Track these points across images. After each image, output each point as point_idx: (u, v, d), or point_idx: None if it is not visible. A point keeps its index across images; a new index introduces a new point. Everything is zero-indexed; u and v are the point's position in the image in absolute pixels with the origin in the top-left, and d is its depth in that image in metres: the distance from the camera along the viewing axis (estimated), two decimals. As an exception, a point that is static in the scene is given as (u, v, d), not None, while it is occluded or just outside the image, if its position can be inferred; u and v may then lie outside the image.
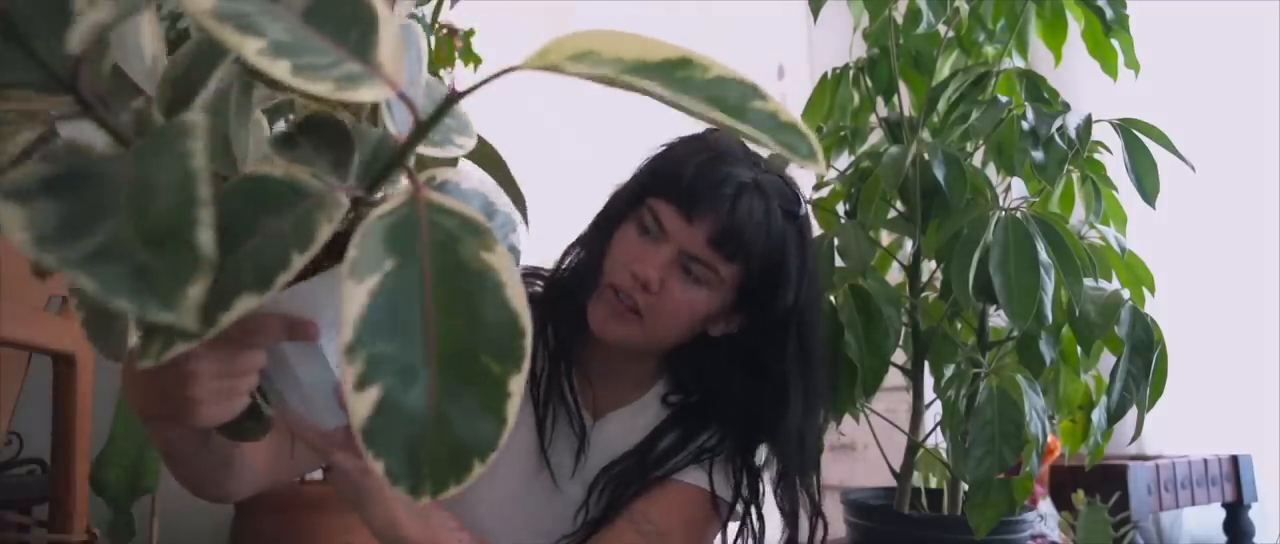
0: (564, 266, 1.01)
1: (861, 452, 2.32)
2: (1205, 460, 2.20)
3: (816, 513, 1.00)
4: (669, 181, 0.93)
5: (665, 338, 0.94)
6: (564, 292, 0.99)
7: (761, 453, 1.00)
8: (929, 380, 1.19)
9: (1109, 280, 1.15)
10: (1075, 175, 1.25)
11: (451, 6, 2.03)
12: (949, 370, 1.18)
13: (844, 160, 1.31)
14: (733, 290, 0.93)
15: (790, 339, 0.95)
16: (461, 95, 0.40)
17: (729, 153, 0.95)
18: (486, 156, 0.91)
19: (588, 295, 0.95)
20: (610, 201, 1.00)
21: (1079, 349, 1.09)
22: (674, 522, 0.97)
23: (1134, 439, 1.13)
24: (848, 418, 1.16)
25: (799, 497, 0.99)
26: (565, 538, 0.97)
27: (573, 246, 1.02)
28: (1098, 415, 1.16)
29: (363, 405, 0.33)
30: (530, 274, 1.05)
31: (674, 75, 0.38)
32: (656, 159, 0.98)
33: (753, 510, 0.99)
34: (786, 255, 0.94)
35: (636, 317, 0.92)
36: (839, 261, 1.13)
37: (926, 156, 1.09)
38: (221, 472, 0.78)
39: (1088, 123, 1.09)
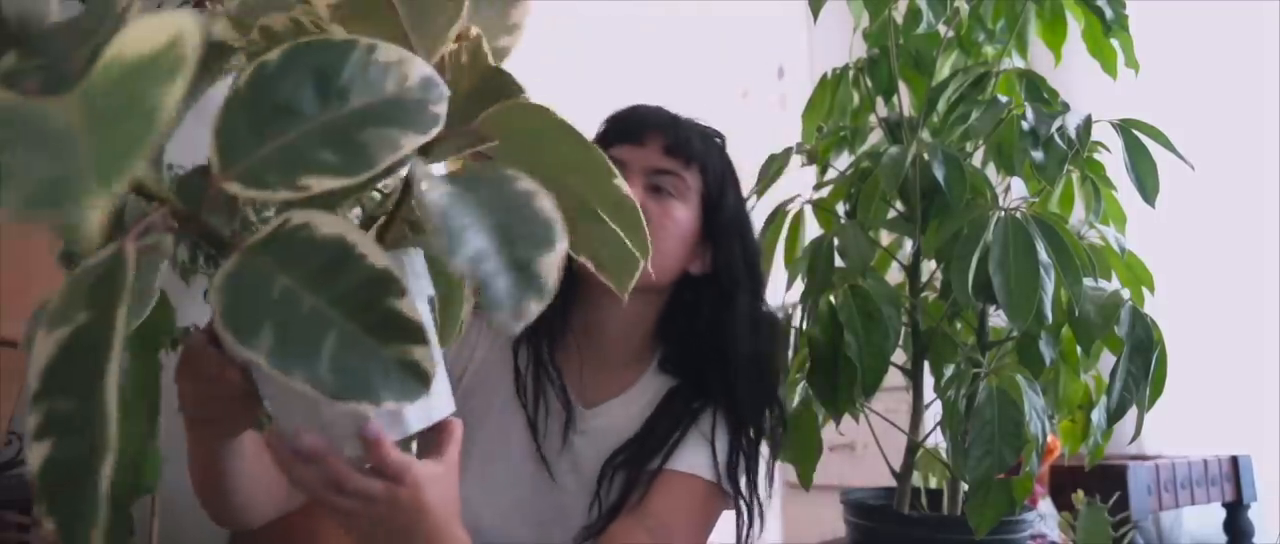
0: None
1: (861, 452, 2.32)
2: (1205, 460, 2.21)
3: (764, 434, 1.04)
4: (610, 130, 1.03)
5: (662, 265, 0.98)
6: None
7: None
8: (929, 380, 1.19)
9: (1109, 280, 1.15)
10: (1075, 175, 1.25)
11: (451, 6, 2.04)
12: (949, 370, 1.18)
13: (844, 160, 1.31)
14: (699, 200, 1.02)
15: (736, 245, 1.03)
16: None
17: (643, 104, 1.07)
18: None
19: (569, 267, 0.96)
20: None
21: (1079, 349, 1.09)
22: (677, 513, 0.98)
23: (1134, 439, 1.13)
24: (848, 418, 1.16)
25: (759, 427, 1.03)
26: (583, 529, 0.99)
27: None
28: (1098, 415, 1.16)
29: (34, 457, 0.32)
30: None
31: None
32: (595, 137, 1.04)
33: (755, 492, 1.01)
34: (724, 162, 1.06)
35: None
36: (839, 262, 1.13)
37: (926, 156, 1.09)
38: (250, 486, 0.81)
39: (1087, 123, 1.09)
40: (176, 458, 2.24)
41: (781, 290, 1.21)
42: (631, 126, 1.03)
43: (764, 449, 1.05)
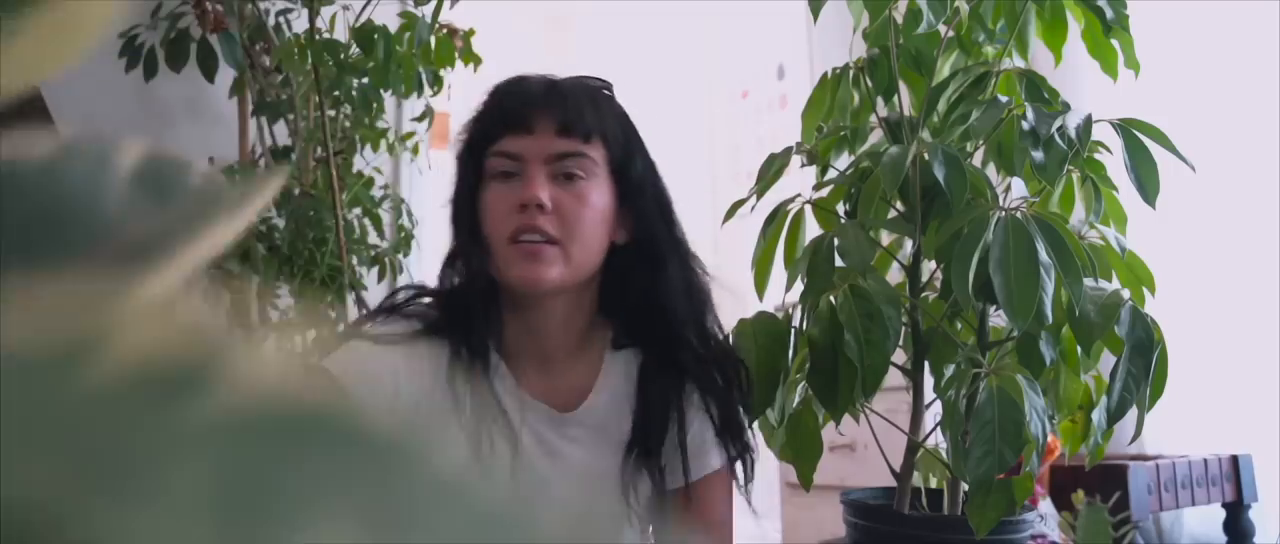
0: (453, 280, 0.99)
1: (861, 452, 2.32)
2: (1205, 460, 2.21)
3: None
4: (491, 122, 0.95)
5: (588, 254, 0.94)
6: (469, 297, 0.95)
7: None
8: (929, 380, 1.19)
9: (1109, 280, 1.15)
10: (1075, 175, 1.25)
11: (451, 6, 2.03)
12: (949, 370, 1.18)
13: (844, 160, 1.31)
14: (608, 172, 0.96)
15: (651, 205, 0.98)
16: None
17: (520, 77, 0.99)
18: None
19: (480, 278, 0.94)
20: (454, 199, 0.99)
21: (1079, 349, 1.09)
22: (722, 507, 1.04)
23: (1134, 439, 1.13)
24: (847, 418, 1.16)
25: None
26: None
27: (448, 259, 1.00)
28: (1098, 415, 1.16)
29: None
30: (417, 294, 1.01)
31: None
32: (468, 127, 0.99)
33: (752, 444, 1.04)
34: (622, 120, 0.99)
35: (553, 246, 0.91)
36: (839, 261, 1.12)
37: (926, 156, 1.09)
38: None
39: (1088, 123, 1.08)
40: (176, 458, 2.24)
41: (781, 290, 1.21)
42: (516, 113, 0.94)
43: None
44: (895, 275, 1.27)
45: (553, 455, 0.97)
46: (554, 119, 0.93)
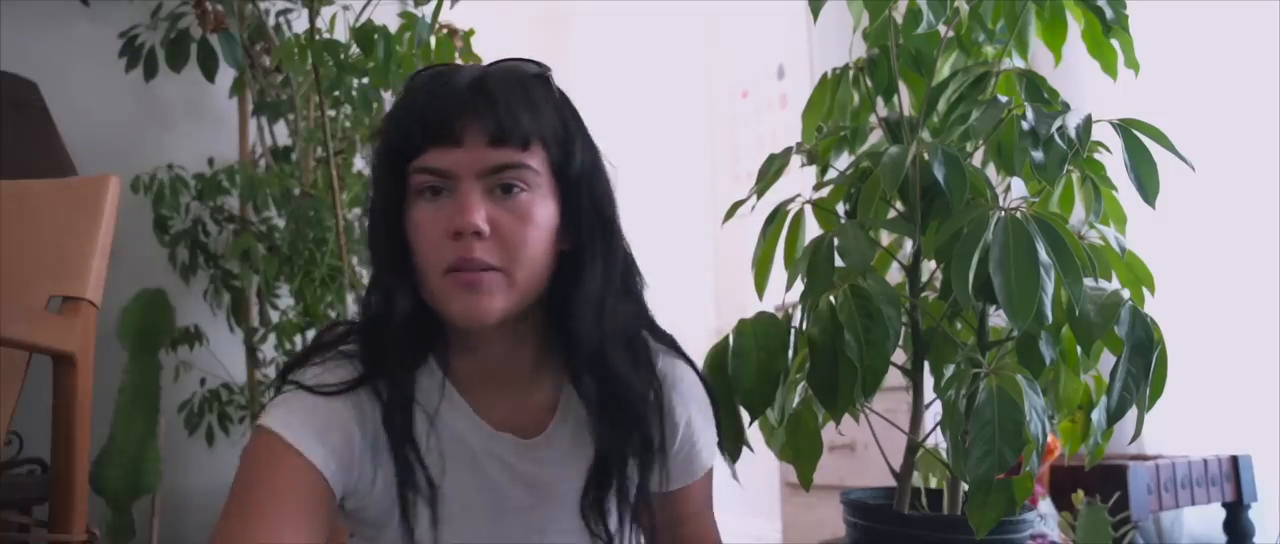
0: (372, 309, 0.86)
1: (861, 452, 2.32)
2: (1205, 460, 2.21)
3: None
4: (411, 133, 0.81)
5: (533, 275, 0.82)
6: (398, 332, 0.83)
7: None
8: (929, 380, 1.19)
9: (1109, 280, 1.15)
10: (1075, 175, 1.25)
11: (452, 6, 2.03)
12: (949, 370, 1.18)
13: (844, 160, 1.31)
14: (553, 185, 0.84)
15: (585, 205, 0.85)
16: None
17: (441, 72, 0.85)
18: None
19: (400, 312, 0.82)
20: (372, 216, 0.86)
21: (1079, 349, 1.09)
22: (696, 500, 1.02)
23: (1134, 439, 1.13)
24: (847, 418, 1.16)
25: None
26: None
27: (371, 288, 0.88)
28: (1098, 415, 1.16)
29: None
30: (347, 332, 0.89)
31: None
32: (383, 137, 0.85)
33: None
34: (564, 118, 0.86)
35: (496, 273, 0.80)
36: (839, 261, 1.12)
37: (926, 156, 1.09)
38: None
39: (1088, 123, 1.08)
40: (176, 458, 2.25)
41: (781, 290, 1.21)
42: (440, 123, 0.80)
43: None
44: (895, 275, 1.28)
45: (526, 483, 0.90)
46: (485, 128, 0.79)
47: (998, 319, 1.18)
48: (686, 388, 0.95)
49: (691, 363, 0.98)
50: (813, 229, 1.26)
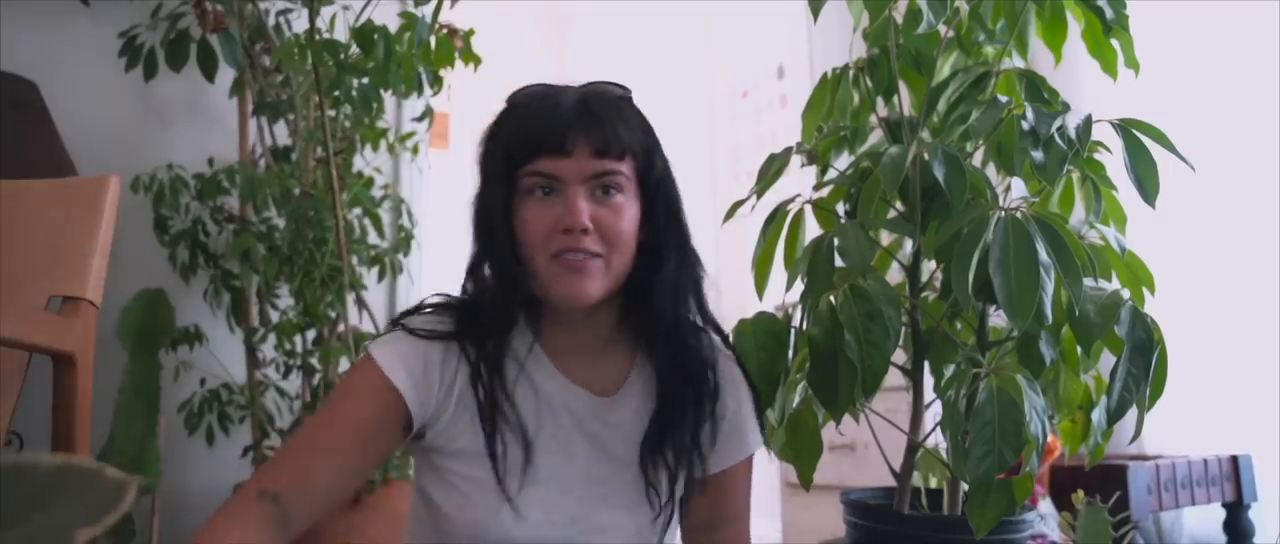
0: (478, 288, 1.02)
1: (861, 452, 2.32)
2: (1205, 460, 2.21)
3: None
4: (526, 142, 0.98)
5: (624, 263, 0.99)
6: (505, 305, 1.00)
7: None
8: (929, 380, 1.19)
9: (1109, 280, 1.15)
10: (1075, 175, 1.25)
11: (452, 6, 2.03)
12: (949, 370, 1.18)
13: (844, 160, 1.31)
14: (638, 188, 1.01)
15: (661, 207, 1.02)
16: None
17: (544, 90, 1.02)
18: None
19: (521, 291, 0.98)
20: (481, 207, 1.02)
21: (1079, 349, 1.09)
22: (737, 499, 1.10)
23: (1134, 439, 1.13)
24: (847, 418, 1.16)
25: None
26: (653, 523, 1.02)
27: (473, 268, 1.03)
28: (1098, 415, 1.16)
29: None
30: (447, 302, 1.05)
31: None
32: (495, 141, 1.02)
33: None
34: (646, 132, 1.03)
35: (597, 259, 0.96)
36: (839, 261, 1.13)
37: (926, 156, 1.09)
38: None
39: (1088, 123, 1.08)
40: (176, 458, 2.24)
41: (781, 290, 1.21)
42: (553, 136, 0.97)
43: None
44: (895, 275, 1.28)
45: (591, 437, 1.02)
46: (591, 142, 0.97)
47: (998, 319, 1.18)
48: (731, 370, 1.09)
49: (735, 353, 1.11)
50: (813, 229, 1.26)
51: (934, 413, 1.15)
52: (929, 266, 1.21)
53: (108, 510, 0.38)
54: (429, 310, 1.04)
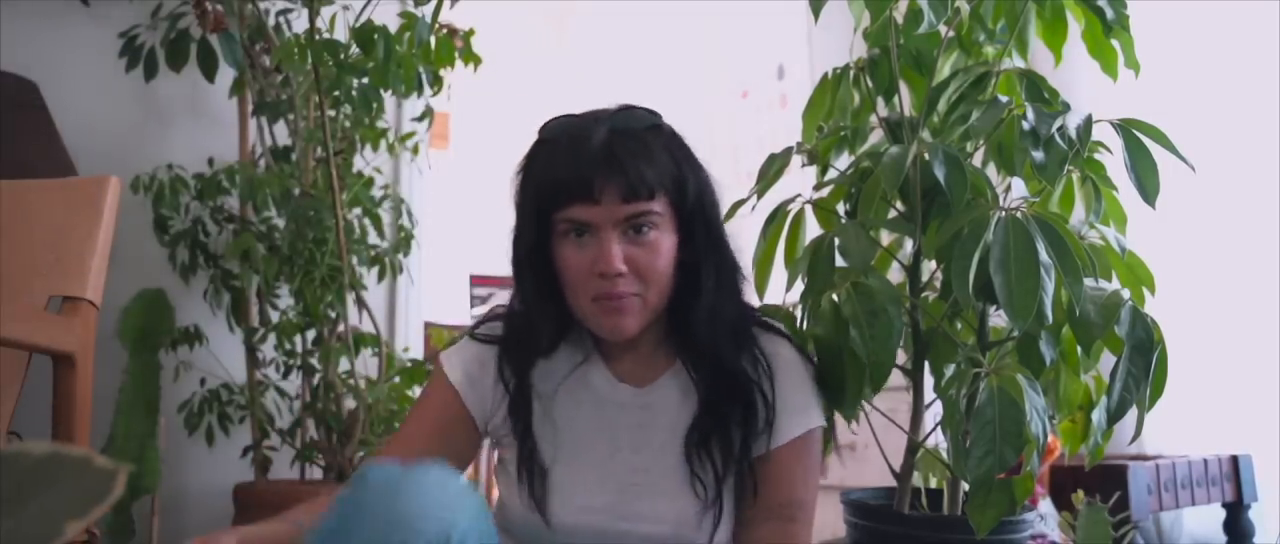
0: (518, 319, 1.09)
1: (861, 452, 2.31)
2: (1205, 460, 2.21)
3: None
4: (555, 189, 1.00)
5: (662, 295, 1.02)
6: (533, 341, 1.07)
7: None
8: (929, 380, 1.19)
9: (1109, 280, 1.15)
10: (1075, 175, 1.25)
11: (452, 6, 2.03)
12: (949, 370, 1.18)
13: (844, 160, 1.31)
14: (673, 218, 1.02)
15: (698, 226, 1.04)
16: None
17: (573, 128, 1.02)
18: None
19: (548, 327, 1.05)
20: (518, 250, 1.06)
21: (1079, 349, 1.09)
22: (796, 487, 1.06)
23: (1134, 439, 1.13)
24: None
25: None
26: (699, 515, 1.03)
27: (515, 298, 1.09)
28: (1098, 415, 1.16)
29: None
30: (492, 317, 1.13)
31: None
32: (526, 184, 1.05)
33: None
34: (677, 159, 1.04)
35: (636, 299, 1.00)
36: (839, 261, 1.13)
37: (926, 156, 1.09)
38: None
39: (1088, 123, 1.08)
40: (176, 458, 2.24)
41: (782, 290, 1.21)
42: (580, 184, 0.98)
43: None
44: (895, 275, 1.27)
45: (636, 426, 1.06)
46: (618, 188, 0.98)
47: (998, 319, 1.18)
48: (781, 361, 1.09)
49: (789, 336, 1.12)
50: (813, 229, 1.26)
51: (934, 413, 1.15)
52: (929, 266, 1.21)
53: (98, 500, 0.38)
54: (493, 318, 1.12)
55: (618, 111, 1.05)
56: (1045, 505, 1.81)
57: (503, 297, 1.16)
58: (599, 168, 0.98)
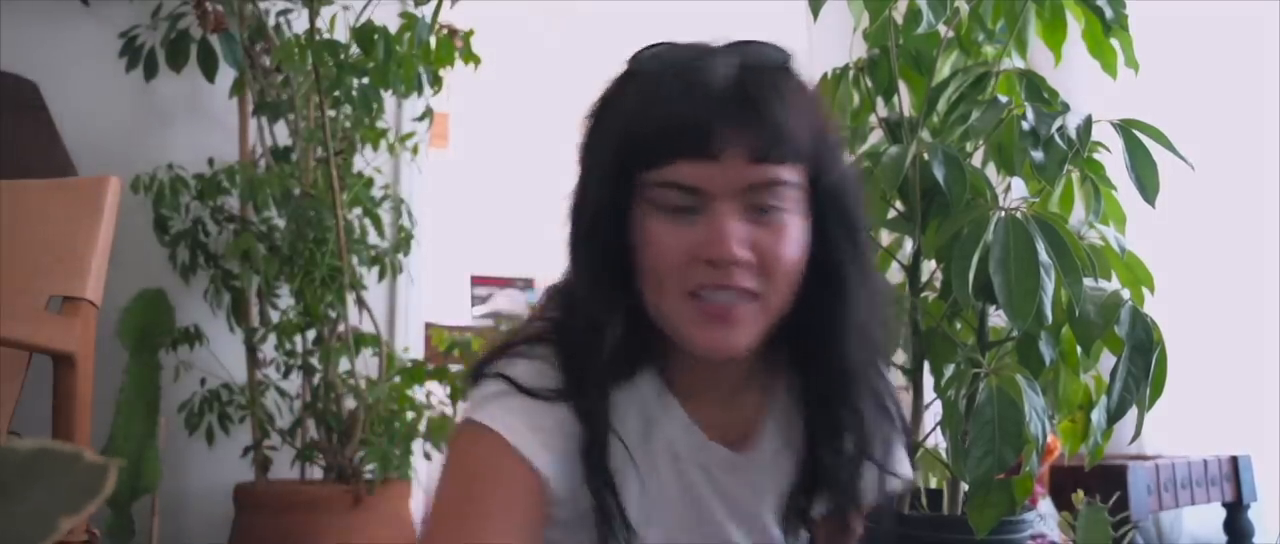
0: (577, 323, 0.76)
1: (861, 452, 2.31)
2: (1205, 460, 2.20)
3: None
4: (658, 139, 0.70)
5: (785, 300, 0.73)
6: (597, 353, 0.74)
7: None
8: (929, 380, 1.19)
9: (1109, 280, 1.15)
10: (1075, 175, 1.25)
11: (452, 6, 2.03)
12: (949, 370, 1.18)
13: (844, 160, 1.31)
14: (806, 198, 0.73)
15: (834, 216, 0.75)
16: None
17: (686, 58, 0.74)
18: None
19: (624, 331, 0.74)
20: (582, 219, 0.75)
21: (1079, 349, 1.09)
22: (857, 525, 0.89)
23: (1134, 439, 1.13)
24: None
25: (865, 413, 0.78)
26: None
27: (571, 294, 0.78)
28: (1098, 415, 1.16)
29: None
30: (537, 335, 0.80)
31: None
32: (601, 132, 0.75)
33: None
34: (817, 112, 0.75)
35: (751, 301, 0.70)
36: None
37: (926, 156, 1.09)
38: None
39: (1088, 123, 1.09)
40: (176, 458, 2.24)
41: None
42: (699, 135, 0.69)
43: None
44: (895, 275, 1.27)
45: (725, 496, 0.82)
46: (748, 142, 0.69)
47: (998, 319, 1.18)
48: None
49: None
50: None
51: (934, 413, 1.15)
52: (929, 266, 1.21)
53: (90, 496, 0.37)
54: (525, 346, 0.77)
55: (744, 43, 0.76)
56: (1045, 505, 1.81)
57: (503, 297, 1.01)
58: (724, 114, 0.69)
